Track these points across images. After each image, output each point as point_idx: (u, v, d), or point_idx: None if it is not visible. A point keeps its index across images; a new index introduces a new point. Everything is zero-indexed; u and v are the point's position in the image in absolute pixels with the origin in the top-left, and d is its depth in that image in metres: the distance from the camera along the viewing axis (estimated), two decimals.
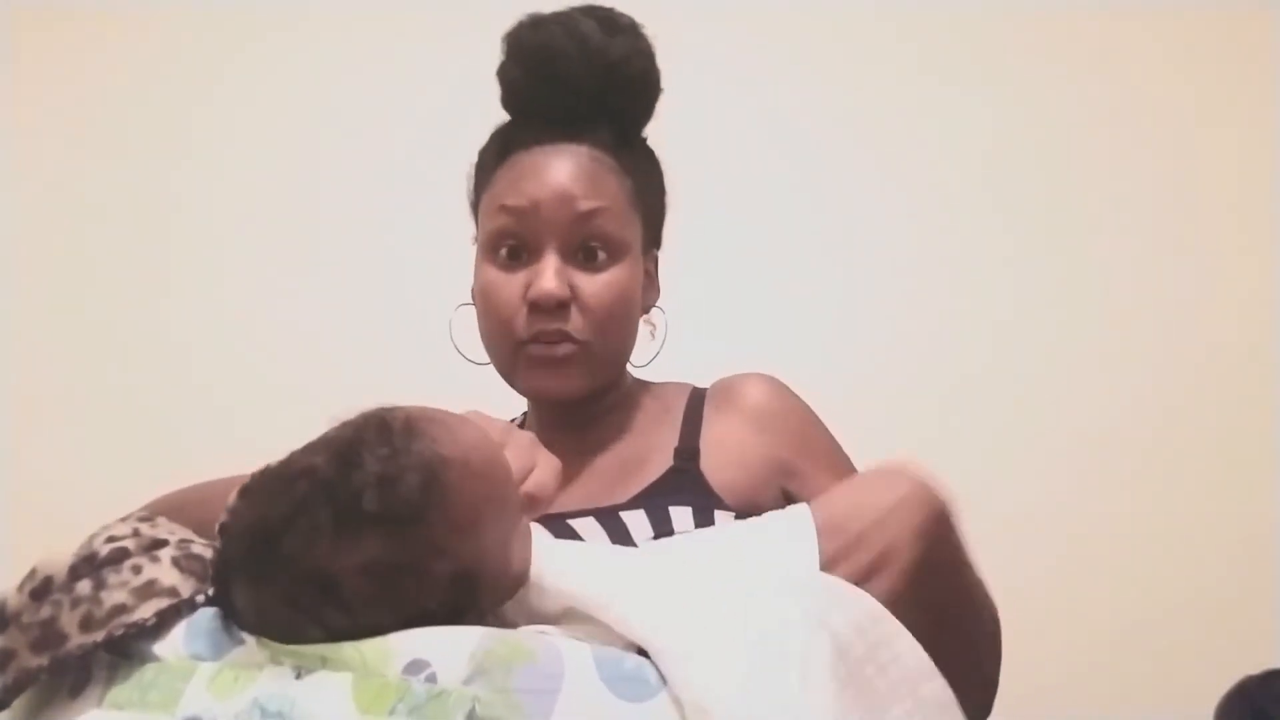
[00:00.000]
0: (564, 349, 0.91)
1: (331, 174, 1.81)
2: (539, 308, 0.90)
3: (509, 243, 0.93)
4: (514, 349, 0.93)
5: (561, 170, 0.92)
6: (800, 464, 0.94)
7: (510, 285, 0.92)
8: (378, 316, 1.76)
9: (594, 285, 0.92)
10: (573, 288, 0.91)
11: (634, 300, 0.97)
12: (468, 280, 0.99)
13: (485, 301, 0.94)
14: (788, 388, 0.99)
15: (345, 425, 0.67)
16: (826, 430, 0.99)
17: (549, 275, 0.90)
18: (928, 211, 1.76)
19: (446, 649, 0.59)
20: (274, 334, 1.76)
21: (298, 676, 0.59)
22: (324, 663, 0.59)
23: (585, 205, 0.91)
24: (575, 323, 0.91)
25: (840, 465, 0.96)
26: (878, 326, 1.72)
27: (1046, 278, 1.74)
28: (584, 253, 0.92)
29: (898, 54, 1.81)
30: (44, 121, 1.85)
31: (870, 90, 1.80)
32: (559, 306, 0.90)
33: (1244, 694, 1.35)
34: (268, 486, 0.65)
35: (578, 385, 0.93)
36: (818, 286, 1.74)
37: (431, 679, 0.58)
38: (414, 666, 0.58)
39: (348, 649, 0.59)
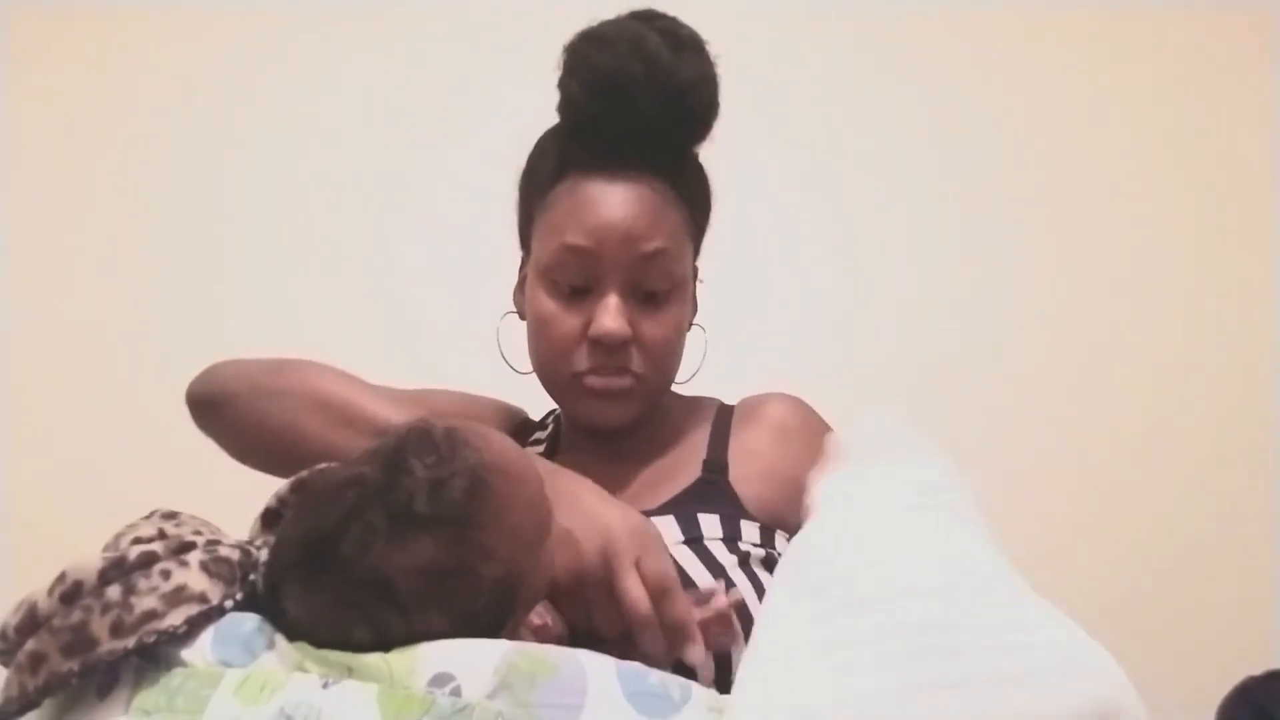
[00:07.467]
0: (623, 382, 0.92)
1: (332, 176, 1.81)
2: (601, 345, 0.91)
3: (571, 280, 0.92)
4: (571, 379, 0.94)
5: (624, 208, 0.91)
6: None
7: (570, 320, 0.92)
8: (374, 318, 1.76)
9: (653, 325, 0.93)
10: (632, 325, 0.91)
11: (685, 329, 0.98)
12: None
13: (543, 332, 0.94)
14: (809, 406, 1.01)
15: (386, 438, 0.69)
16: None
17: (612, 314, 0.90)
18: (929, 212, 1.77)
19: (471, 662, 0.60)
20: (276, 335, 1.73)
21: (324, 686, 0.59)
22: (350, 673, 0.60)
23: (648, 247, 0.91)
24: (635, 359, 0.92)
25: None
26: (877, 326, 1.73)
27: (1047, 277, 1.74)
28: (644, 292, 0.93)
29: (910, 57, 1.81)
30: (44, 122, 1.83)
31: (875, 91, 1.80)
32: (621, 344, 0.91)
33: (1245, 694, 1.36)
34: (317, 497, 0.67)
35: (632, 415, 0.95)
36: (839, 295, 1.76)
37: (456, 692, 0.58)
38: (439, 679, 0.59)
39: (374, 659, 0.60)
